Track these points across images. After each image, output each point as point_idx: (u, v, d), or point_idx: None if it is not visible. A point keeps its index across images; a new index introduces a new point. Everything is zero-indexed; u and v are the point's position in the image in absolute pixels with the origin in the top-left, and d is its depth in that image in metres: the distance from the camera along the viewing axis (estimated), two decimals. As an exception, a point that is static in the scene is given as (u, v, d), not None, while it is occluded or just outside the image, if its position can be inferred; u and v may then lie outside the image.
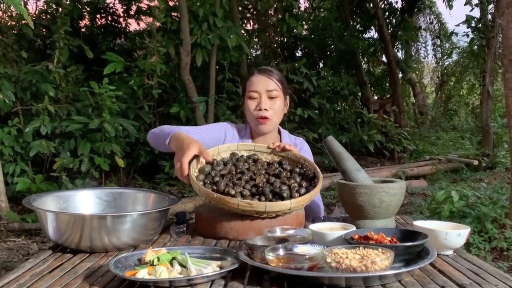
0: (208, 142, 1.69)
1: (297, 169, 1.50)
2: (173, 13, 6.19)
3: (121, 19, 7.99)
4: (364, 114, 7.92)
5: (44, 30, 6.96)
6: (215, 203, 1.33)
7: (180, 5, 5.68)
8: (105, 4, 7.91)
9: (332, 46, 9.93)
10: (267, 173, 1.48)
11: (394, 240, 1.11)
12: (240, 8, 7.94)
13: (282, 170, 1.49)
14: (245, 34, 8.20)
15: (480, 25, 7.06)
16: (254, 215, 1.34)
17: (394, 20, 9.74)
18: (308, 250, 1.07)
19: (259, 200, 1.36)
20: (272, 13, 8.86)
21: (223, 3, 6.14)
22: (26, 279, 1.05)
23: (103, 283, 1.00)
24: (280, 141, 1.85)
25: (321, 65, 10.07)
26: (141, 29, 7.71)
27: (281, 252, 1.04)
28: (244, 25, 8.65)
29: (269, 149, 1.63)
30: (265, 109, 1.74)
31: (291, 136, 1.93)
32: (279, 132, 1.88)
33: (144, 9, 7.25)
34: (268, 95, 1.75)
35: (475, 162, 7.05)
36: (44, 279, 1.05)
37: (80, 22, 7.52)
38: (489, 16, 7.14)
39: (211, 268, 1.03)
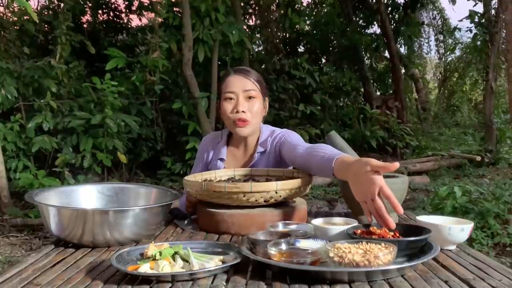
0: (204, 169, 1.78)
1: None
2: (175, 9, 6.18)
3: (123, 15, 8.00)
4: (366, 110, 7.91)
5: (46, 26, 6.96)
6: (203, 195, 1.40)
7: (182, 1, 5.67)
8: (107, 0, 7.90)
9: (335, 42, 9.91)
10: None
11: (397, 235, 1.10)
12: (242, 4, 7.91)
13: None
14: (247, 30, 8.19)
15: (483, 20, 7.02)
16: (243, 200, 1.34)
17: (397, 16, 9.70)
18: (311, 244, 1.07)
19: None
20: (275, 9, 8.83)
21: (225, -2, 6.12)
22: (29, 273, 1.05)
23: (105, 277, 1.00)
24: (257, 141, 1.71)
25: (323, 60, 10.05)
26: (143, 25, 7.70)
27: (283, 246, 1.04)
28: (246, 20, 8.63)
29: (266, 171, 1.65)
30: (243, 111, 1.63)
31: (276, 130, 1.74)
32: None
33: (146, 4, 7.25)
34: (245, 95, 1.64)
35: (478, 158, 7.03)
36: (47, 273, 1.05)
37: (82, 17, 7.53)
38: (493, 11, 7.10)
39: (214, 262, 1.02)
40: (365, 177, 1.10)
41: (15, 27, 6.19)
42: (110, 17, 8.00)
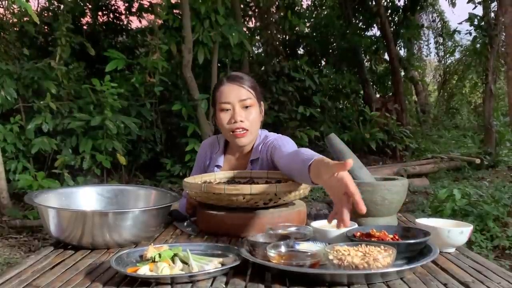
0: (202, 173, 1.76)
1: None
2: (175, 11, 6.18)
3: (122, 17, 8.00)
4: (366, 112, 7.91)
5: (46, 27, 6.96)
6: (203, 197, 1.39)
7: (182, 3, 5.67)
8: (107, 2, 7.91)
9: (334, 44, 9.92)
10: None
11: (396, 237, 1.10)
12: (242, 6, 7.92)
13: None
14: (247, 32, 8.19)
15: (483, 23, 7.02)
16: (242, 202, 1.34)
17: (396, 18, 9.72)
18: (310, 247, 1.07)
19: None
20: (274, 11, 8.84)
21: (225, 0, 6.12)
22: (28, 275, 1.05)
23: (104, 279, 1.00)
24: (253, 147, 1.69)
25: (323, 63, 10.06)
26: (143, 27, 7.71)
27: (283, 249, 1.04)
28: (246, 22, 8.63)
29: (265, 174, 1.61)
30: (241, 121, 1.59)
31: (269, 135, 1.71)
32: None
33: (146, 6, 7.25)
34: (242, 105, 1.60)
35: (477, 161, 7.03)
36: (46, 275, 1.05)
37: (82, 19, 7.53)
38: (492, 14, 7.11)
39: (213, 264, 1.02)
40: (333, 180, 1.01)
41: (15, 29, 6.19)
42: (110, 19, 8.00)
